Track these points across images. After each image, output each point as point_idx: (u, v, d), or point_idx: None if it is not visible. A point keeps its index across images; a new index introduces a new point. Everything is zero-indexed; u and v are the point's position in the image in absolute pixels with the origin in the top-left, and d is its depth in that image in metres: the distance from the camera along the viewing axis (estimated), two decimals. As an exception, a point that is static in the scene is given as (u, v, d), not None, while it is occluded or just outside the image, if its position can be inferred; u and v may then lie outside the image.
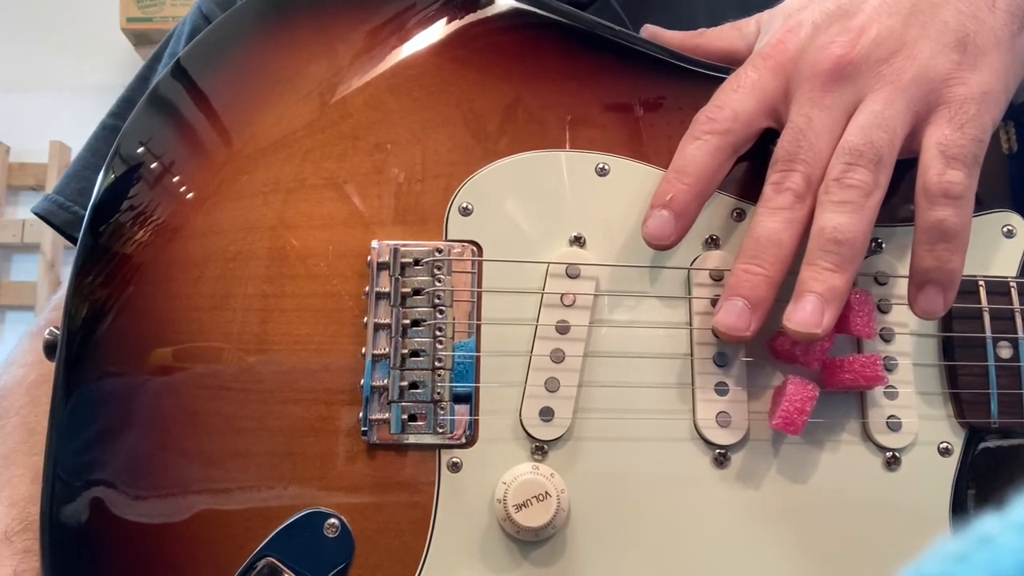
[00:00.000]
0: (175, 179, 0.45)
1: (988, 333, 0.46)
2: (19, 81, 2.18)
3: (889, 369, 0.45)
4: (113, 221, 0.44)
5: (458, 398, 0.43)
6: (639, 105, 0.47)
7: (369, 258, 0.44)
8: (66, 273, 1.88)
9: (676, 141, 0.44)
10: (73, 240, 0.68)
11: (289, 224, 0.44)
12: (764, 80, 0.43)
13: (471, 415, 0.44)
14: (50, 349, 0.44)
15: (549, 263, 0.45)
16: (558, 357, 0.44)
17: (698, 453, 0.44)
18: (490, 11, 0.48)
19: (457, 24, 0.47)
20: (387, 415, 0.43)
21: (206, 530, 0.42)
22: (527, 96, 0.47)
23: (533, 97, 0.47)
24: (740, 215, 0.46)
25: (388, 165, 0.45)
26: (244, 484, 0.42)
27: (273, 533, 0.42)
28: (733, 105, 0.43)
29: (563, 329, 0.44)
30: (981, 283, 0.46)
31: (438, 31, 0.47)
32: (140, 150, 0.45)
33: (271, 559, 0.42)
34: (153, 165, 0.45)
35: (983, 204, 0.47)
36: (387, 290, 0.43)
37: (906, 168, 0.42)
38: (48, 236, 2.04)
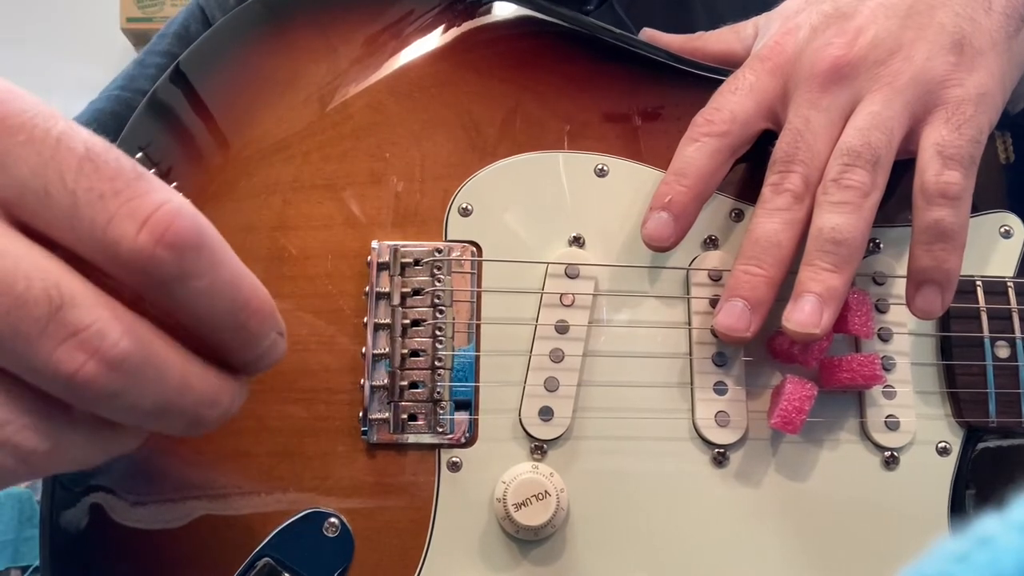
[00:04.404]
0: (174, 183, 0.45)
1: (986, 333, 0.46)
2: (19, 81, 2.18)
3: (887, 368, 0.45)
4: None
5: (458, 403, 0.44)
6: (638, 107, 0.47)
7: (369, 258, 0.44)
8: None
9: (675, 143, 0.44)
10: None
11: (289, 225, 0.45)
12: (762, 82, 0.44)
13: (471, 415, 0.44)
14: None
15: (548, 263, 0.45)
16: (557, 357, 0.44)
17: (697, 452, 0.44)
18: (490, 15, 0.48)
19: (457, 29, 0.48)
20: (387, 415, 0.43)
21: (205, 531, 0.42)
22: (527, 99, 0.47)
23: (533, 100, 0.47)
24: (738, 215, 0.46)
25: (388, 167, 0.45)
26: (244, 485, 0.43)
27: (273, 533, 0.42)
28: (731, 107, 0.44)
29: (562, 329, 0.44)
30: (978, 283, 0.46)
31: (438, 36, 0.47)
32: (139, 155, 0.45)
33: (270, 559, 0.42)
34: (152, 170, 0.45)
35: (980, 206, 0.47)
36: (387, 290, 0.44)
37: (904, 169, 0.42)
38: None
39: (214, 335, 0.27)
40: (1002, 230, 0.48)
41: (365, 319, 0.44)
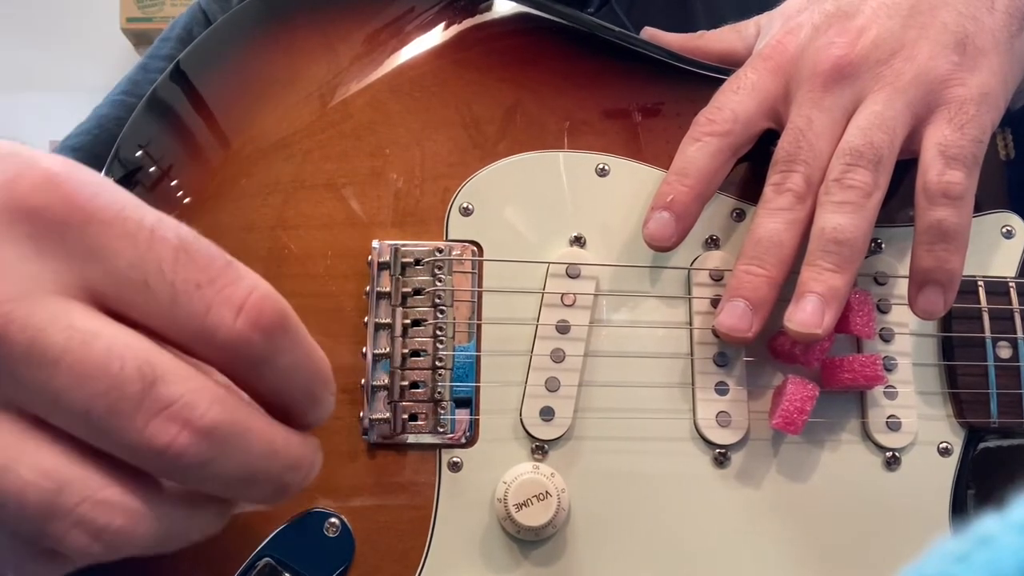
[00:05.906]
0: (175, 181, 0.45)
1: (987, 333, 0.46)
2: (19, 81, 2.18)
3: (889, 369, 0.45)
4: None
5: (459, 403, 0.43)
6: (639, 106, 0.47)
7: (370, 258, 0.44)
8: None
9: (675, 142, 0.44)
10: None
11: (289, 224, 0.45)
12: (764, 81, 0.44)
13: (471, 415, 0.44)
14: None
15: (549, 263, 0.45)
16: (558, 357, 0.44)
17: (698, 453, 0.44)
18: (490, 14, 0.48)
19: (457, 26, 0.47)
20: (388, 415, 0.43)
21: (206, 530, 0.42)
22: (527, 98, 0.47)
23: (533, 99, 0.47)
24: (740, 215, 0.46)
25: (388, 166, 0.45)
26: (245, 484, 0.42)
27: (273, 533, 0.42)
28: (733, 106, 0.43)
29: (563, 329, 0.44)
30: (980, 283, 0.46)
31: (438, 33, 0.47)
32: (139, 153, 0.45)
33: (270, 559, 0.42)
34: (152, 168, 0.45)
35: (982, 205, 0.47)
36: (388, 290, 0.44)
37: (906, 169, 0.42)
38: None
39: (287, 404, 0.28)
40: (1004, 230, 0.48)
41: (366, 319, 0.43)
